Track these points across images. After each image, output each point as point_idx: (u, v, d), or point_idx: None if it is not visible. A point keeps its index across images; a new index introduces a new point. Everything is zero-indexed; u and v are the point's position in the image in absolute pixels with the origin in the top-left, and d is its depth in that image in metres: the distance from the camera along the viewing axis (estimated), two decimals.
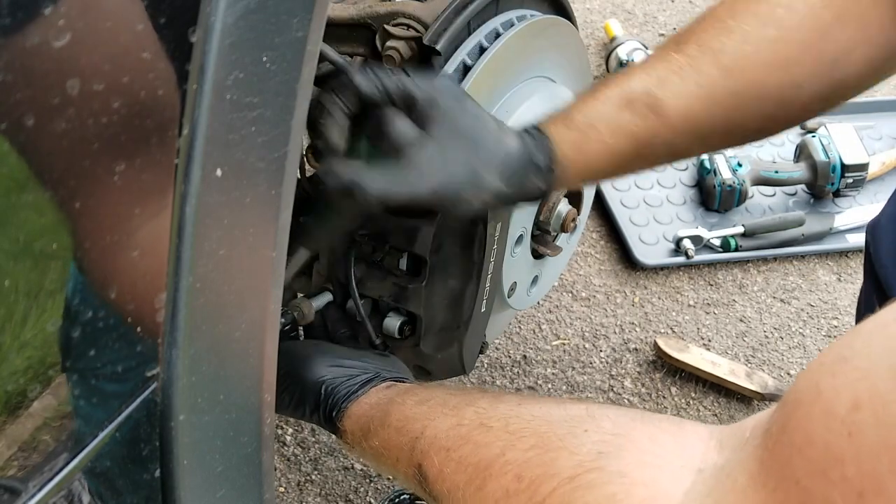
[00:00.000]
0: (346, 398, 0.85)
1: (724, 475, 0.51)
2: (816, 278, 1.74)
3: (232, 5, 0.50)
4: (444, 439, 0.71)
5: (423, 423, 0.74)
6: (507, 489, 0.62)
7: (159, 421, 0.57)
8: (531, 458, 0.62)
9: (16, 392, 0.48)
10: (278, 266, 0.61)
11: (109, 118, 0.46)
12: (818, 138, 1.82)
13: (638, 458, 0.57)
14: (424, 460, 0.71)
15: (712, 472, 0.52)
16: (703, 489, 0.51)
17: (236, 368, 0.61)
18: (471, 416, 0.70)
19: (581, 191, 1.08)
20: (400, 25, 0.96)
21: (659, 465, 0.56)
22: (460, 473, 0.67)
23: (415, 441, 0.73)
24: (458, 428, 0.70)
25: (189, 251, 0.53)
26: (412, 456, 0.73)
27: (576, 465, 0.59)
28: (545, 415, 0.67)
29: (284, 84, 0.56)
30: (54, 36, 0.42)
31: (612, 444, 0.59)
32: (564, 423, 0.64)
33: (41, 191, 0.45)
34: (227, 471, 0.64)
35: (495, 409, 0.70)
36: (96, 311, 0.51)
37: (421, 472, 0.71)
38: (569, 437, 0.62)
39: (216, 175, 0.53)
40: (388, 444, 0.77)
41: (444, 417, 0.73)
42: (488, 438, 0.67)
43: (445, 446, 0.70)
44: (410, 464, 0.73)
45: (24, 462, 0.50)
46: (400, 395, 0.82)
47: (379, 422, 0.79)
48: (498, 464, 0.64)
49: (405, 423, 0.76)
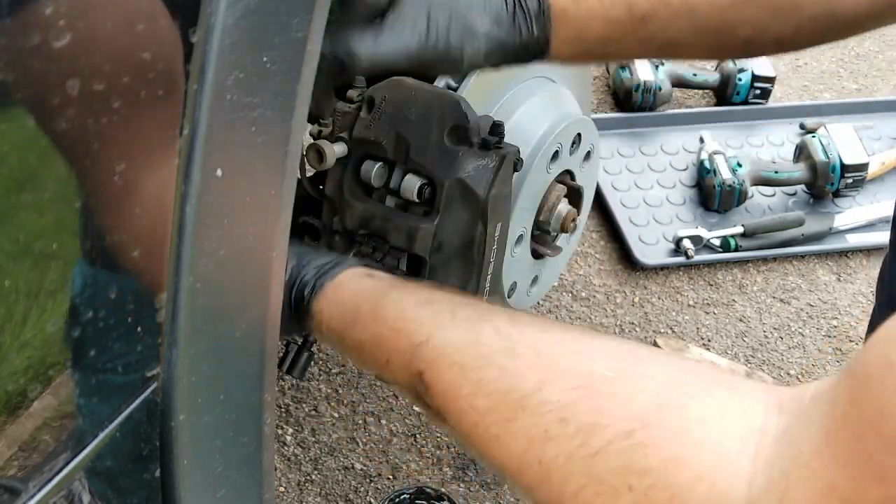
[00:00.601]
0: (319, 275, 0.78)
1: (788, 443, 0.49)
2: (816, 278, 1.74)
3: (232, 6, 0.50)
4: (458, 354, 0.65)
5: (428, 330, 0.68)
6: (546, 430, 0.58)
7: (159, 421, 0.57)
8: (576, 399, 0.58)
9: (16, 392, 0.48)
10: (278, 266, 0.62)
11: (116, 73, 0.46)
12: (818, 138, 1.82)
13: (699, 415, 0.53)
14: (429, 370, 0.66)
15: (775, 436, 0.50)
16: (770, 456, 0.49)
17: (236, 368, 0.61)
18: (490, 334, 0.66)
19: (580, 190, 1.08)
20: None
21: (721, 425, 0.52)
22: (480, 397, 0.63)
23: (416, 347, 0.68)
24: (476, 346, 0.65)
25: (189, 251, 0.53)
26: (411, 362, 0.68)
27: (632, 417, 0.55)
28: (582, 350, 0.62)
29: (284, 84, 0.56)
30: None
31: (668, 396, 0.55)
32: (610, 363, 0.60)
33: (41, 189, 0.45)
34: (227, 471, 0.64)
35: (520, 331, 0.65)
36: (104, 305, 0.51)
37: (422, 381, 0.67)
38: (619, 382, 0.57)
39: (216, 175, 0.53)
40: (379, 341, 0.71)
41: (455, 329, 0.68)
42: (518, 366, 0.62)
43: (459, 362, 0.65)
44: (408, 370, 0.68)
45: (24, 462, 0.50)
46: (393, 288, 0.75)
47: (369, 314, 0.73)
48: (534, 399, 0.59)
49: (404, 323, 0.70)
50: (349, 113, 0.92)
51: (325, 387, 1.49)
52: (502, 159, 0.89)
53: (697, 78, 2.00)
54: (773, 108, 2.00)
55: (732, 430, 0.52)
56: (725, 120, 1.97)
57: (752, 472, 0.49)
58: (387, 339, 0.70)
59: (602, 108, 1.99)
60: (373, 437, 1.44)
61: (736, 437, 0.51)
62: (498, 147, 0.90)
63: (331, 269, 0.78)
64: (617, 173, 1.86)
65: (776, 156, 1.92)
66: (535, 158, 1.00)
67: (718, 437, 0.52)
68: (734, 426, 0.52)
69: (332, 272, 0.78)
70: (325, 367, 1.51)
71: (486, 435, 0.62)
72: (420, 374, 0.67)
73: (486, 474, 1.41)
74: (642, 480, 0.53)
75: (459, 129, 0.89)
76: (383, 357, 0.71)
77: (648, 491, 0.52)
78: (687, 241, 1.71)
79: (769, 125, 1.98)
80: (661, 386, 0.56)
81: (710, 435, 0.52)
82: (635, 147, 1.91)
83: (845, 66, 2.17)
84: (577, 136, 1.06)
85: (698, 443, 0.52)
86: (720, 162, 1.78)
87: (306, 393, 1.48)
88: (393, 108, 0.90)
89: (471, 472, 1.41)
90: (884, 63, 2.18)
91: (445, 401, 0.65)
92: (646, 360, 0.59)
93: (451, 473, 1.41)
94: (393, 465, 1.41)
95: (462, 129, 0.89)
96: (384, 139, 0.90)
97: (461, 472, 1.41)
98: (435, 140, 0.89)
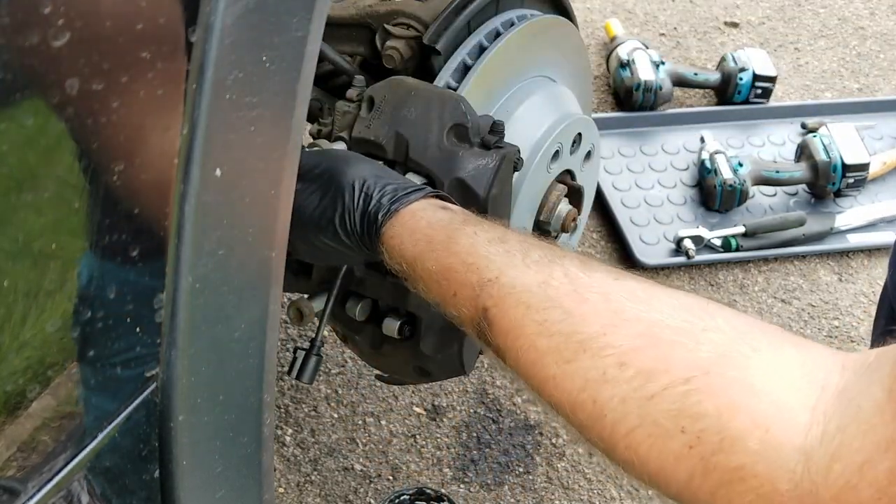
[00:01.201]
0: (395, 200, 0.76)
1: (847, 399, 0.49)
2: (817, 278, 1.74)
3: (231, 5, 0.50)
4: (526, 294, 0.65)
5: (498, 267, 0.68)
6: (604, 372, 0.58)
7: (159, 421, 0.57)
8: (639, 346, 0.58)
9: (15, 392, 0.48)
10: (278, 266, 0.61)
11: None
12: (819, 138, 1.82)
13: (761, 366, 0.54)
14: (495, 307, 0.66)
15: (835, 392, 0.50)
16: (828, 410, 0.50)
17: (236, 368, 0.61)
18: (560, 277, 0.65)
19: (580, 190, 1.08)
20: (400, 25, 0.96)
21: (783, 377, 0.53)
22: (543, 337, 0.63)
23: (486, 283, 0.68)
24: (544, 287, 0.65)
25: (189, 251, 0.53)
26: (479, 297, 0.67)
27: (692, 366, 0.55)
28: (651, 299, 0.62)
29: (284, 84, 0.56)
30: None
31: (732, 348, 0.55)
32: (676, 314, 0.59)
33: (41, 189, 0.45)
34: (227, 471, 0.64)
35: (590, 276, 0.65)
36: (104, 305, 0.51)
37: (487, 317, 0.67)
38: (684, 332, 0.58)
39: (216, 175, 0.52)
40: (449, 273, 0.71)
41: (525, 269, 0.67)
42: (584, 310, 0.62)
43: (526, 302, 0.65)
44: (474, 304, 0.68)
45: (23, 462, 0.50)
46: (468, 224, 0.74)
47: (442, 246, 0.72)
48: (597, 343, 0.60)
49: (475, 259, 0.70)
50: (349, 112, 0.92)
51: (324, 387, 1.49)
52: (502, 159, 0.89)
53: (698, 77, 2.00)
54: (775, 108, 2.00)
55: (793, 384, 0.52)
56: (726, 119, 1.97)
57: (809, 424, 0.50)
58: (457, 272, 0.70)
59: (603, 108, 1.99)
60: (372, 438, 1.44)
61: (796, 389, 0.51)
62: (498, 146, 0.90)
63: (407, 194, 0.77)
64: (618, 173, 1.86)
65: (777, 155, 1.92)
66: (536, 158, 1.00)
67: (777, 388, 0.52)
68: (795, 380, 0.52)
69: (407, 198, 0.77)
70: (325, 367, 1.51)
71: (544, 373, 0.62)
72: (485, 310, 0.67)
73: (486, 475, 1.41)
74: (695, 424, 0.53)
75: (459, 129, 0.89)
76: (451, 290, 0.71)
77: (701, 434, 0.53)
78: (688, 241, 1.70)
79: (770, 125, 1.98)
80: (727, 338, 0.56)
81: (770, 386, 0.52)
82: (636, 147, 1.91)
83: (847, 66, 2.17)
84: (577, 136, 1.06)
85: (757, 392, 0.52)
86: (721, 161, 1.78)
87: (306, 393, 1.48)
88: (393, 107, 0.90)
89: (471, 472, 1.41)
90: (885, 63, 2.18)
91: (507, 339, 0.65)
92: (715, 314, 0.59)
93: (451, 474, 1.40)
94: (393, 466, 1.41)
95: (462, 129, 0.89)
96: (384, 139, 0.90)
97: (461, 472, 1.41)
98: (435, 139, 0.89)
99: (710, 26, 2.23)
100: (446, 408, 1.48)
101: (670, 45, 2.16)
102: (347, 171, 0.79)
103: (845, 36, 2.24)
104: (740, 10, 2.28)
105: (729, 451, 0.52)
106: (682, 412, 0.54)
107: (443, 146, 0.89)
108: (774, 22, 2.26)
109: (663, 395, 0.55)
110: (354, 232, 0.77)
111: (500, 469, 1.41)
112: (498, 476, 1.40)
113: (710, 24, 2.23)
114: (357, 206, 0.77)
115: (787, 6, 2.30)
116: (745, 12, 2.28)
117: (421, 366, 1.00)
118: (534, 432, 1.45)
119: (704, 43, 2.18)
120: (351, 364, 1.52)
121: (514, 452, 1.43)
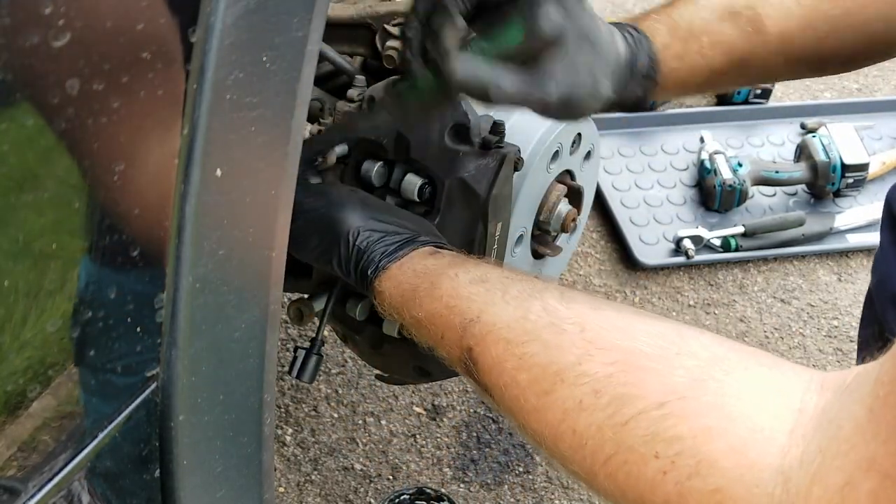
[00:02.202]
0: (384, 256, 0.80)
1: (827, 420, 0.49)
2: (817, 278, 1.74)
3: (232, 5, 0.50)
4: (505, 330, 0.66)
5: (479, 307, 0.70)
6: (580, 401, 0.58)
7: (159, 421, 0.57)
8: (613, 374, 0.58)
9: (16, 392, 0.48)
10: (278, 266, 0.61)
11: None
12: (818, 138, 1.82)
13: (736, 391, 0.53)
14: (477, 346, 0.67)
15: (814, 414, 0.50)
16: (807, 433, 0.49)
17: (236, 368, 0.61)
18: (538, 310, 0.66)
19: (580, 190, 1.08)
20: (400, 25, 0.96)
21: (759, 401, 0.52)
22: (523, 371, 0.63)
23: (468, 324, 0.69)
24: (522, 321, 0.66)
25: (189, 251, 0.53)
26: (463, 338, 0.69)
27: (666, 391, 0.55)
28: (627, 327, 0.62)
29: (284, 84, 0.56)
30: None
31: (706, 372, 0.55)
32: (651, 340, 0.59)
33: (41, 189, 0.45)
34: (227, 471, 0.64)
35: (568, 308, 0.65)
36: (104, 305, 0.51)
37: (471, 356, 0.68)
38: (658, 358, 0.58)
39: (216, 175, 0.52)
40: (434, 318, 0.73)
41: (504, 305, 0.68)
42: (561, 341, 0.63)
43: (506, 338, 0.66)
44: (459, 345, 0.69)
45: (23, 462, 0.50)
46: (451, 267, 0.77)
47: (426, 293, 0.75)
48: (573, 372, 0.60)
49: (457, 301, 0.72)
50: (349, 112, 0.92)
51: (324, 387, 1.49)
52: (503, 159, 0.89)
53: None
54: (774, 108, 2.00)
55: (769, 406, 0.51)
56: (726, 120, 1.97)
57: (787, 446, 0.49)
58: (442, 316, 0.72)
59: None
60: (373, 438, 1.44)
61: (772, 412, 0.51)
62: (498, 146, 0.90)
63: (396, 250, 0.81)
64: (617, 173, 1.86)
65: (777, 156, 1.92)
66: (536, 158, 1.00)
67: (753, 411, 0.51)
68: (771, 402, 0.52)
69: (396, 254, 0.81)
70: (325, 367, 1.51)
71: (527, 407, 0.63)
72: (469, 349, 0.68)
73: (486, 475, 1.41)
74: (670, 448, 0.53)
75: (460, 129, 0.89)
76: (438, 333, 0.72)
77: (676, 458, 0.53)
78: (687, 241, 1.71)
79: (770, 125, 1.98)
80: (701, 363, 0.56)
81: (745, 409, 0.52)
82: (636, 147, 1.91)
83: None
84: (577, 136, 1.06)
85: (731, 416, 0.52)
86: (721, 162, 1.78)
87: (306, 393, 1.48)
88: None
89: (471, 472, 1.41)
90: (885, 62, 2.18)
91: (491, 376, 0.66)
92: (689, 339, 0.59)
93: (451, 474, 1.40)
94: (393, 466, 1.41)
95: (462, 129, 0.89)
96: (384, 138, 0.90)
97: (461, 472, 1.41)
98: (435, 139, 0.89)
99: None
100: (446, 408, 1.48)
101: None
102: (346, 219, 0.83)
103: None
104: None
105: (705, 475, 0.51)
106: (657, 437, 0.54)
107: (443, 146, 0.89)
108: None
109: (638, 419, 0.55)
110: (351, 276, 0.82)
111: (500, 469, 1.41)
112: (498, 476, 1.41)
113: None
114: (351, 258, 0.81)
115: None
116: None
117: (421, 365, 1.00)
118: None
119: None
120: (351, 364, 1.52)
121: (514, 452, 1.43)
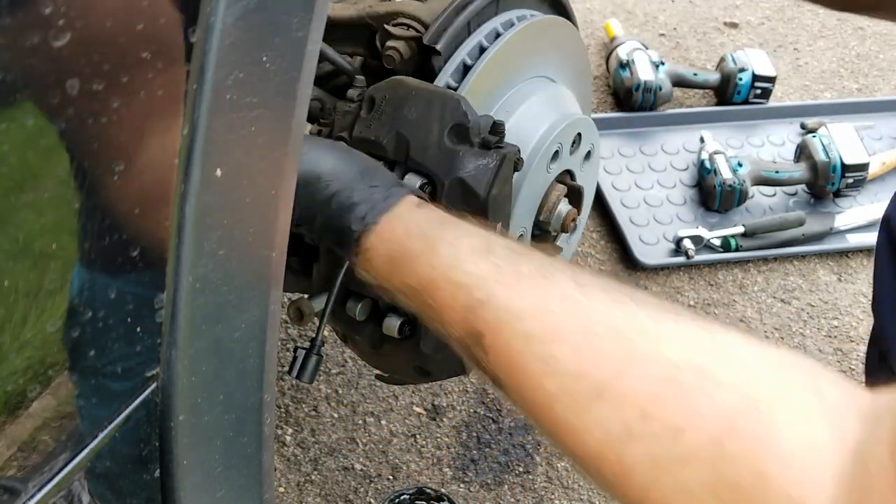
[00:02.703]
0: (373, 210, 0.72)
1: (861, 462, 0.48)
2: (817, 278, 1.74)
3: (232, 5, 0.50)
4: (525, 321, 0.61)
5: (490, 287, 0.63)
6: (628, 425, 0.54)
7: (159, 421, 0.57)
8: (662, 394, 0.54)
9: (16, 392, 0.48)
10: (278, 266, 0.61)
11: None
12: (819, 138, 1.82)
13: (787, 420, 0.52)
14: (491, 335, 0.62)
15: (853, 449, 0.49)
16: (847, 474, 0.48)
17: (236, 368, 0.61)
18: (558, 301, 0.61)
19: (580, 190, 1.08)
20: (400, 25, 0.96)
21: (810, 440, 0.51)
22: (551, 377, 0.58)
23: (476, 304, 0.63)
24: (546, 315, 0.60)
25: (189, 251, 0.53)
26: (467, 319, 0.63)
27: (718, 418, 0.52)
28: (661, 336, 0.58)
29: (284, 84, 0.56)
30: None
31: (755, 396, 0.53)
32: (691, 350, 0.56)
33: (41, 189, 0.45)
34: (227, 471, 0.64)
35: (588, 298, 0.61)
36: (104, 305, 0.51)
37: (482, 344, 0.62)
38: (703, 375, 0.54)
39: (216, 175, 0.53)
40: (431, 289, 0.66)
41: (518, 289, 0.63)
42: (594, 346, 0.58)
43: (526, 332, 0.60)
44: (464, 328, 0.64)
45: (23, 462, 0.50)
46: (447, 228, 0.70)
47: (424, 260, 0.67)
48: (615, 388, 0.56)
49: (461, 275, 0.65)
50: (349, 112, 0.92)
51: (324, 387, 1.49)
52: (503, 159, 0.89)
53: (698, 77, 2.00)
54: (774, 108, 2.00)
55: (820, 448, 0.51)
56: (726, 120, 1.97)
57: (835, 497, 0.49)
58: (441, 289, 0.66)
59: (602, 108, 1.99)
60: (373, 438, 1.44)
61: (824, 458, 0.50)
62: (498, 146, 0.90)
63: (385, 198, 0.73)
64: (617, 173, 1.86)
65: (777, 156, 1.92)
66: (536, 158, 1.00)
67: (807, 455, 0.51)
68: (819, 436, 0.51)
69: (384, 204, 0.73)
70: (325, 367, 1.51)
71: (558, 419, 0.59)
72: (480, 335, 0.63)
73: (486, 475, 1.41)
74: (731, 495, 0.52)
75: (460, 129, 0.89)
76: (435, 306, 0.66)
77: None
78: (687, 241, 1.71)
79: (770, 125, 1.98)
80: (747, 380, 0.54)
81: (799, 451, 0.51)
82: (636, 147, 1.91)
83: (846, 66, 2.17)
84: (577, 136, 1.06)
85: (786, 458, 0.51)
86: (721, 162, 1.78)
87: (306, 393, 1.48)
88: (393, 107, 0.90)
89: (471, 472, 1.41)
90: (885, 63, 2.18)
91: (509, 372, 0.61)
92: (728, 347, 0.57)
93: (451, 474, 1.40)
94: (393, 466, 1.41)
95: (462, 129, 0.89)
96: (384, 138, 0.90)
97: (461, 472, 1.41)
98: (435, 139, 0.89)
99: (710, 27, 2.23)
100: (446, 408, 1.48)
101: (670, 46, 2.16)
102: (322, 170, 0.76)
103: (845, 36, 2.24)
104: (740, 11, 2.28)
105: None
106: (718, 481, 0.52)
107: (443, 146, 0.89)
108: (774, 22, 2.26)
109: (696, 458, 0.52)
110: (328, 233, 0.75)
111: (500, 469, 1.41)
112: (498, 476, 1.41)
113: (710, 24, 2.23)
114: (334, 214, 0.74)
115: (786, 6, 2.30)
116: (745, 13, 2.28)
117: (421, 365, 1.00)
118: (534, 432, 1.45)
119: (704, 43, 2.18)
120: (351, 364, 1.52)
121: (514, 452, 1.43)
